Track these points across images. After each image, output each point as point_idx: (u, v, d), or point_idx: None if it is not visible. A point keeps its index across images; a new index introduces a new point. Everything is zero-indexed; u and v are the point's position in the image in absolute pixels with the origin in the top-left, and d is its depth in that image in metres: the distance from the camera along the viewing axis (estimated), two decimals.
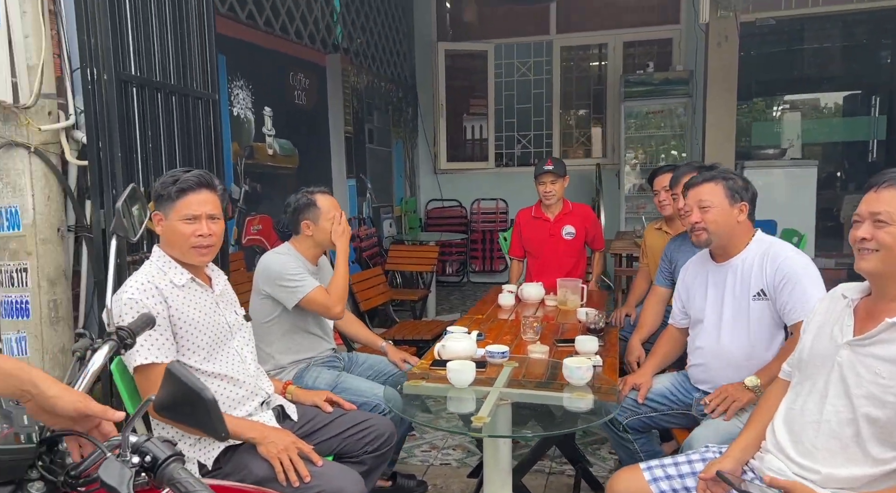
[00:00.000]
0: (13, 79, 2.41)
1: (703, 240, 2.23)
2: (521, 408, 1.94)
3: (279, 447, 1.74)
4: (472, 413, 1.79)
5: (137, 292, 1.73)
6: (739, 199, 2.22)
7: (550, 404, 1.95)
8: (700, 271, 2.35)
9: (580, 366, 1.95)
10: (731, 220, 2.21)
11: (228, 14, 4.19)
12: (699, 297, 2.32)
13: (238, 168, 4.33)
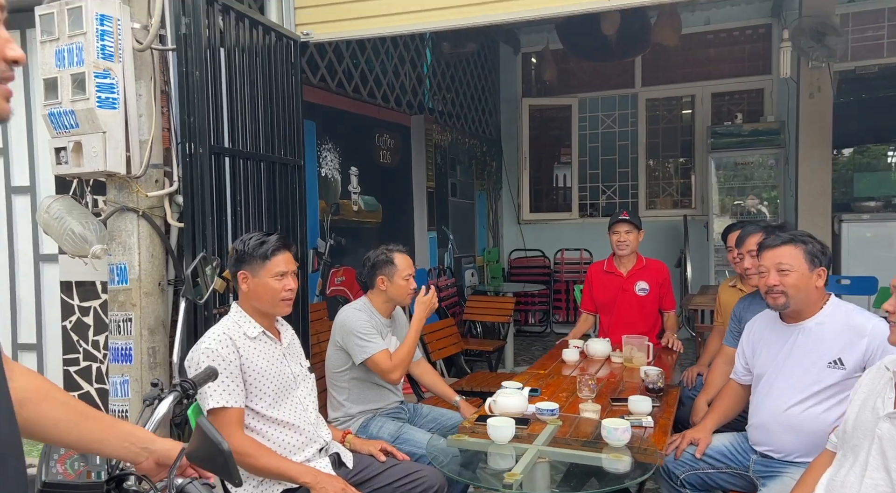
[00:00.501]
0: (127, 153, 2.79)
1: (781, 304, 2.21)
2: (575, 467, 1.99)
3: (329, 492, 1.89)
4: (507, 469, 1.86)
5: (214, 342, 1.97)
6: (818, 263, 2.20)
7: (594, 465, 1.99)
8: (767, 329, 2.33)
9: (617, 427, 1.99)
10: (810, 285, 2.19)
11: (320, 84, 4.58)
12: (764, 355, 2.30)
13: (324, 224, 4.65)
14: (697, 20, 7.61)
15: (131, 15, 2.84)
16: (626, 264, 4.01)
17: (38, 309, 3.61)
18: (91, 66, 2.65)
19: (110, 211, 2.91)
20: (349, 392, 2.78)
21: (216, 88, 2.82)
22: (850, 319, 2.16)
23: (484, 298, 5.87)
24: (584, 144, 8.51)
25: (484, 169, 8.09)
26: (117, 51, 2.73)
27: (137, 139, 2.84)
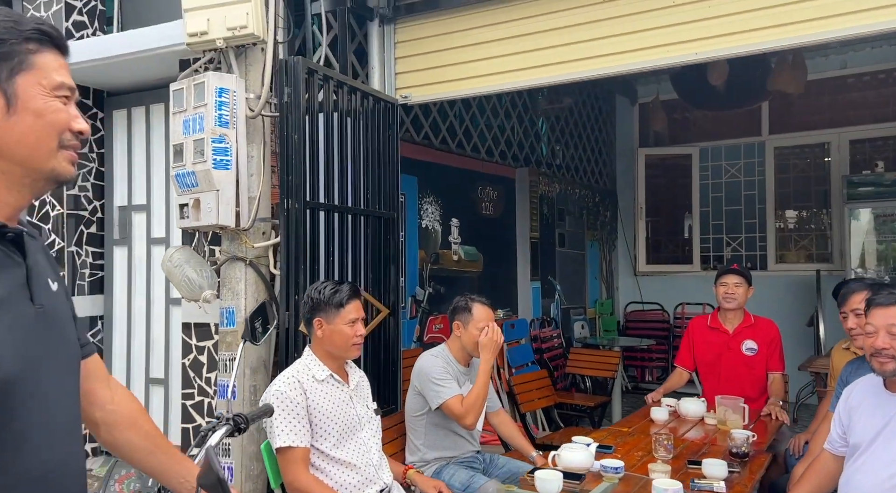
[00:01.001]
0: (237, 208, 3.13)
1: (889, 370, 2.03)
2: None
3: None
4: None
5: (283, 385, 2.14)
6: None
7: None
8: (869, 394, 2.14)
9: (667, 488, 1.90)
10: None
11: (423, 142, 4.85)
12: (862, 424, 2.10)
13: (423, 273, 4.84)
14: (832, 64, 7.19)
15: (246, 86, 3.23)
16: (732, 321, 3.80)
17: (167, 347, 4.04)
18: (209, 133, 3.03)
19: (223, 260, 3.26)
20: (425, 437, 2.86)
21: (314, 148, 3.11)
22: None
23: (588, 351, 5.74)
24: (707, 193, 8.19)
25: (597, 219, 8.01)
26: (232, 118, 3.10)
27: (247, 196, 3.18)
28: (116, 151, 4.23)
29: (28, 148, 0.98)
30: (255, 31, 3.05)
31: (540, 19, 3.50)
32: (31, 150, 0.98)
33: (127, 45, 3.69)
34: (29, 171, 1.00)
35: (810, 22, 2.83)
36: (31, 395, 0.96)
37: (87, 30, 4.19)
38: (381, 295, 3.62)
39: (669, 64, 3.25)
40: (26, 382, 0.95)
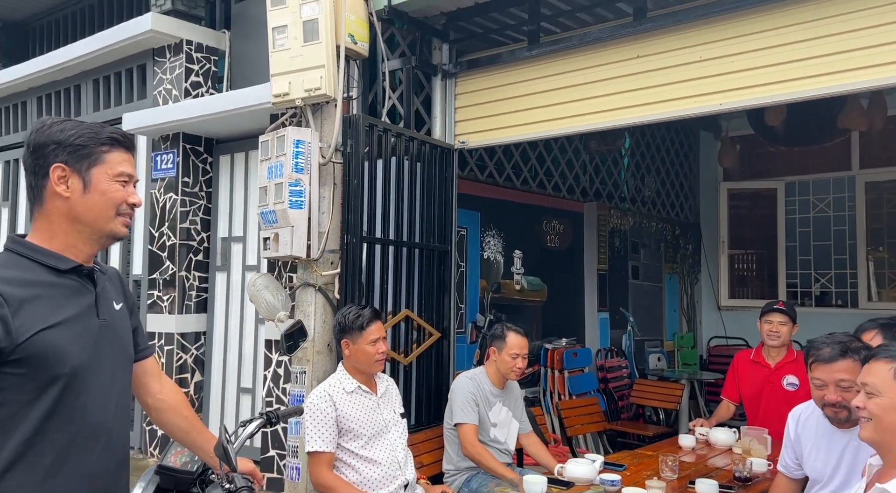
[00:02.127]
0: (308, 242, 3.66)
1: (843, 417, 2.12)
2: None
3: None
4: None
5: (316, 398, 2.58)
6: None
7: None
8: (818, 428, 2.28)
9: None
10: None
11: (487, 180, 5.25)
12: (814, 458, 2.25)
13: (484, 301, 5.20)
14: None
15: (321, 137, 3.78)
16: (774, 356, 3.89)
17: (255, 361, 4.65)
18: (287, 177, 3.59)
19: (297, 286, 3.80)
20: (457, 448, 3.20)
21: (372, 191, 3.60)
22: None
23: (653, 382, 5.83)
24: (793, 228, 8.00)
25: (676, 252, 8.03)
26: (307, 165, 3.66)
27: (317, 231, 3.71)
28: (221, 190, 4.95)
29: (95, 215, 1.44)
30: (326, 91, 3.60)
31: (580, 73, 3.83)
32: (96, 217, 1.44)
33: (229, 103, 4.39)
34: (95, 230, 1.45)
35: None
36: (93, 380, 1.41)
37: (202, 88, 4.97)
38: (433, 320, 4.02)
39: (697, 113, 3.48)
40: (89, 371, 1.40)
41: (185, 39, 4.83)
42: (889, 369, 1.66)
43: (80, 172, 1.42)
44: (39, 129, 1.45)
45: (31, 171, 1.45)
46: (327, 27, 3.62)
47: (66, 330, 1.37)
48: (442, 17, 4.29)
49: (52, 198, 1.43)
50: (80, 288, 1.43)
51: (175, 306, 4.77)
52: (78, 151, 1.43)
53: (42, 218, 1.44)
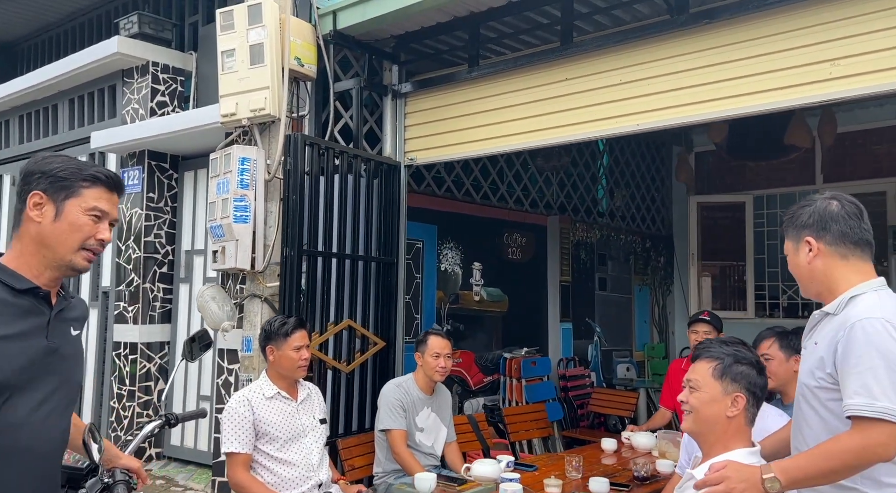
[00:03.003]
0: (253, 255, 3.85)
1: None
2: None
3: None
4: None
5: (235, 403, 2.76)
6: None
7: None
8: None
9: (507, 489, 2.31)
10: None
11: (445, 195, 5.44)
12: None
13: (441, 311, 5.37)
14: (888, 113, 7.09)
15: (268, 154, 3.98)
16: None
17: (212, 370, 4.82)
18: (232, 193, 3.79)
19: (243, 297, 3.99)
20: (387, 451, 3.36)
21: (313, 205, 3.78)
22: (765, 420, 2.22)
23: (609, 391, 5.98)
24: (762, 241, 8.14)
25: (647, 265, 8.19)
26: (252, 181, 3.85)
27: (263, 244, 3.90)
28: (185, 204, 5.16)
29: (59, 243, 1.51)
30: (270, 111, 3.80)
31: (515, 94, 4.02)
32: (60, 244, 1.51)
33: (190, 122, 4.61)
34: (57, 258, 1.51)
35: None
36: (22, 400, 1.44)
37: (167, 107, 5.19)
38: (379, 330, 4.19)
39: (617, 133, 3.67)
40: (23, 390, 1.44)
41: (150, 61, 5.06)
42: (709, 367, 1.82)
43: (56, 201, 1.52)
44: (34, 160, 1.57)
45: (18, 195, 1.55)
46: (272, 51, 3.82)
47: (5, 346, 1.43)
48: (392, 39, 4.50)
49: (27, 222, 1.52)
50: (31, 308, 1.49)
51: (140, 316, 4.96)
52: (59, 182, 1.52)
53: (16, 239, 1.54)
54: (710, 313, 4.07)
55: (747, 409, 1.78)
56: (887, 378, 1.60)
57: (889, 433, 1.58)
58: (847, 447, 1.62)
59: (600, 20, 4.05)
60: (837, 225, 1.79)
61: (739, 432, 1.78)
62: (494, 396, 5.79)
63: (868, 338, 1.63)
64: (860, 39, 2.86)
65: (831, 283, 1.79)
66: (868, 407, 1.59)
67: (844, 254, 1.78)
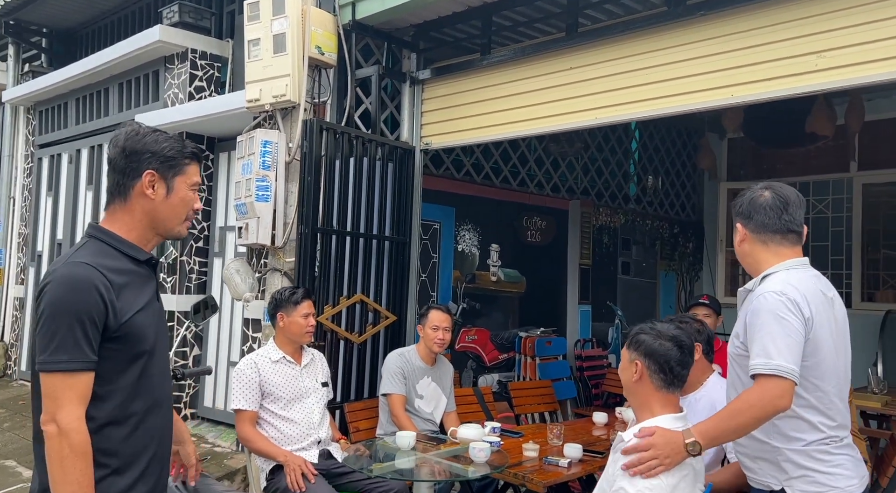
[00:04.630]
0: (273, 231, 4.15)
1: None
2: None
3: (291, 466, 2.81)
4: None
5: (243, 365, 3.06)
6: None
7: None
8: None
9: (476, 446, 2.54)
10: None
11: (464, 178, 5.64)
12: None
13: (458, 290, 5.61)
14: None
15: (290, 138, 4.26)
16: None
17: (241, 337, 5.19)
18: (254, 174, 4.09)
19: (265, 270, 4.31)
20: (387, 415, 3.62)
21: (328, 186, 4.05)
22: (713, 394, 2.38)
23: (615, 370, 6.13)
24: None
25: (675, 250, 8.22)
26: (274, 163, 4.15)
27: (282, 222, 4.20)
28: (220, 184, 5.51)
29: (170, 216, 1.69)
30: (291, 97, 4.07)
31: (523, 82, 4.18)
32: (171, 217, 1.70)
33: (221, 106, 4.92)
34: (167, 229, 1.71)
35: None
36: (159, 357, 1.69)
37: (205, 92, 5.53)
38: (391, 305, 4.45)
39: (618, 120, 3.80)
40: (157, 350, 1.67)
41: (189, 48, 5.39)
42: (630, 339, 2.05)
43: (167, 179, 1.68)
44: (134, 136, 1.68)
45: (122, 171, 1.67)
46: (294, 40, 4.08)
47: (146, 314, 1.63)
48: (411, 28, 4.70)
49: (139, 197, 1.66)
50: (149, 276, 1.70)
51: (177, 286, 5.36)
52: (168, 161, 1.67)
53: (125, 212, 1.67)
54: (710, 296, 4.17)
55: (650, 375, 1.95)
56: (782, 342, 1.85)
57: (783, 387, 1.82)
58: (750, 403, 1.86)
59: (599, 15, 4.16)
60: (759, 215, 2.05)
61: (654, 396, 1.95)
62: (509, 373, 6.01)
63: (767, 308, 1.89)
64: (845, 32, 2.92)
65: (756, 263, 2.07)
66: (765, 366, 1.84)
67: (765, 240, 2.05)
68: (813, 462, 1.91)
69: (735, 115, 5.32)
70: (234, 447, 4.74)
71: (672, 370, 1.96)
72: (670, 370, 1.96)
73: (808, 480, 1.91)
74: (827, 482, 1.90)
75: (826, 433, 1.93)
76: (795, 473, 1.93)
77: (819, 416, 1.93)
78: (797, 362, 1.85)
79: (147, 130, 1.73)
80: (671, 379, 1.96)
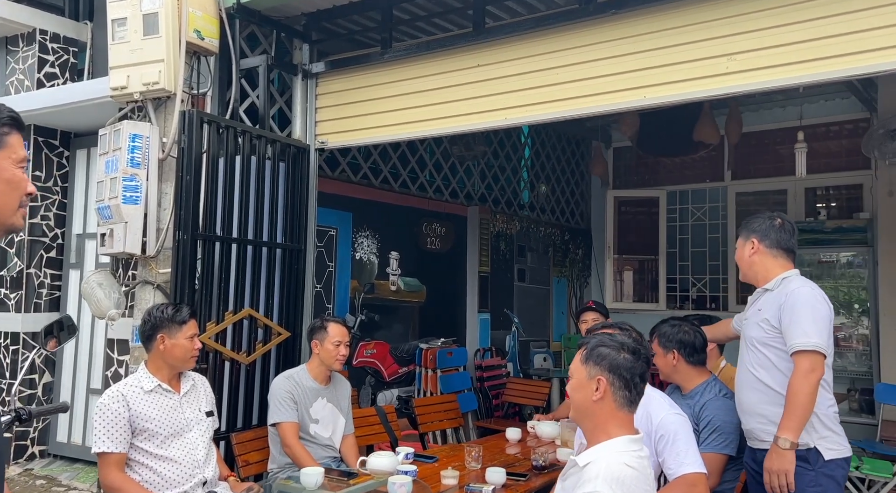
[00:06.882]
0: (144, 238, 3.60)
1: None
2: None
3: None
4: None
5: (107, 398, 2.54)
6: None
7: None
8: None
9: (395, 481, 2.23)
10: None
11: (361, 181, 5.29)
12: None
13: (356, 301, 5.24)
14: (789, 115, 7.42)
15: (164, 132, 3.73)
16: None
17: (104, 361, 4.52)
18: (121, 172, 3.53)
19: (134, 284, 3.73)
20: (279, 447, 3.20)
21: (211, 187, 3.57)
22: (650, 406, 2.24)
23: (522, 381, 6.02)
24: (674, 235, 8.40)
25: (566, 257, 8.30)
26: (144, 160, 3.60)
27: (155, 227, 3.66)
28: (77, 185, 4.80)
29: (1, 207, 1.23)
30: (165, 86, 3.56)
31: (429, 79, 3.92)
32: (2, 209, 1.24)
33: (80, 94, 4.28)
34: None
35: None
36: None
37: (58, 80, 4.82)
38: (284, 319, 4.02)
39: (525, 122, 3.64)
40: None
41: (38, 29, 4.67)
42: (580, 355, 1.83)
43: None
44: None
45: None
46: (168, 21, 3.58)
47: None
48: (303, 17, 4.31)
49: None
50: None
51: (23, 304, 4.59)
52: None
53: None
54: (596, 301, 4.16)
55: (614, 392, 1.75)
56: (820, 325, 2.36)
57: (819, 360, 2.32)
58: (796, 384, 2.32)
59: (502, 14, 4.00)
60: (776, 235, 2.60)
61: (614, 416, 1.75)
62: (409, 387, 5.71)
63: (804, 301, 2.40)
64: (754, 35, 2.91)
65: (765, 271, 2.59)
66: (805, 344, 2.34)
67: (775, 255, 2.59)
68: (833, 425, 2.41)
69: (633, 121, 5.38)
70: (95, 490, 4.08)
71: (636, 387, 1.77)
72: (634, 387, 1.76)
73: (831, 441, 2.39)
74: (843, 443, 2.42)
75: (832, 401, 2.45)
76: (824, 433, 2.39)
77: (829, 388, 2.44)
78: (827, 342, 2.35)
79: None
80: (634, 396, 1.77)
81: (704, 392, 2.73)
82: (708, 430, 2.62)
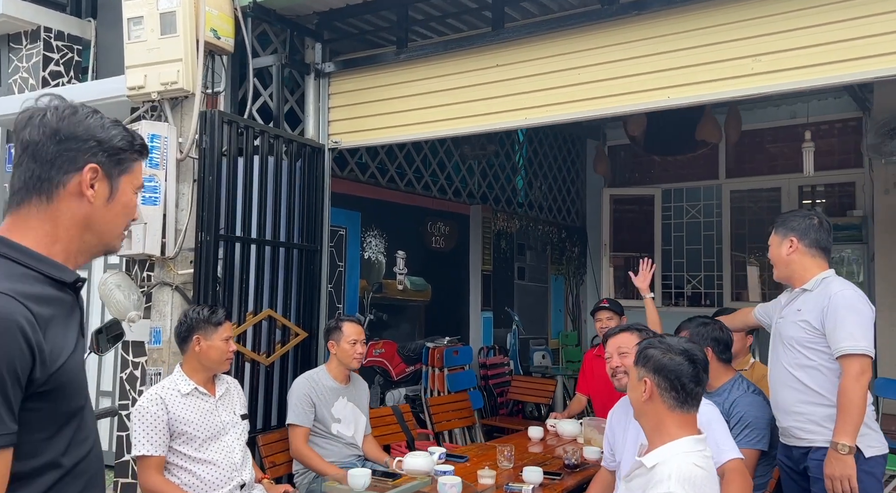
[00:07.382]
0: (163, 239, 3.57)
1: (624, 383, 2.40)
2: None
3: None
4: None
5: (146, 400, 2.53)
6: None
7: None
8: (622, 414, 2.48)
9: (446, 482, 2.25)
10: None
11: (369, 181, 5.28)
12: (621, 440, 2.43)
13: (364, 300, 5.23)
14: (782, 114, 7.54)
15: (181, 132, 3.69)
16: None
17: (115, 363, 4.46)
18: None
19: (152, 285, 3.69)
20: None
21: (231, 188, 3.55)
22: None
23: (527, 379, 6.06)
24: (669, 233, 8.50)
25: (562, 255, 8.35)
26: (162, 160, 3.56)
27: (174, 228, 3.62)
28: None
29: (109, 227, 1.26)
30: (184, 85, 3.52)
31: (445, 79, 3.92)
32: (110, 228, 1.26)
33: (89, 94, 4.19)
34: (101, 243, 1.27)
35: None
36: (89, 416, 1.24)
37: (62, 78, 4.74)
38: (301, 320, 4.00)
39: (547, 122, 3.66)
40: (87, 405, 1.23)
41: (42, 26, 4.59)
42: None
43: (111, 177, 1.24)
44: (72, 116, 1.22)
45: (49, 161, 1.20)
46: (186, 20, 3.54)
47: (77, 356, 1.18)
48: (315, 16, 4.29)
49: (71, 198, 1.21)
50: (73, 305, 1.23)
51: None
52: (116, 154, 1.24)
53: (45, 217, 1.20)
54: (609, 300, 4.20)
55: (661, 393, 1.79)
56: (865, 328, 2.40)
57: (862, 362, 2.35)
58: (849, 388, 2.35)
59: (515, 14, 4.02)
60: (815, 234, 2.60)
61: (669, 416, 1.79)
62: (416, 386, 5.72)
63: (848, 304, 2.43)
64: (779, 37, 2.96)
65: (803, 270, 2.59)
66: (854, 347, 2.36)
67: (813, 254, 2.60)
68: (871, 423, 2.46)
69: (640, 120, 5.43)
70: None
71: (685, 388, 1.79)
72: (682, 388, 1.79)
73: (871, 438, 2.45)
74: (881, 440, 2.49)
75: (870, 399, 2.47)
76: (863, 431, 2.41)
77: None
78: (872, 343, 2.40)
79: (88, 109, 1.25)
80: (684, 397, 1.79)
81: (732, 389, 2.76)
82: (740, 426, 2.65)
